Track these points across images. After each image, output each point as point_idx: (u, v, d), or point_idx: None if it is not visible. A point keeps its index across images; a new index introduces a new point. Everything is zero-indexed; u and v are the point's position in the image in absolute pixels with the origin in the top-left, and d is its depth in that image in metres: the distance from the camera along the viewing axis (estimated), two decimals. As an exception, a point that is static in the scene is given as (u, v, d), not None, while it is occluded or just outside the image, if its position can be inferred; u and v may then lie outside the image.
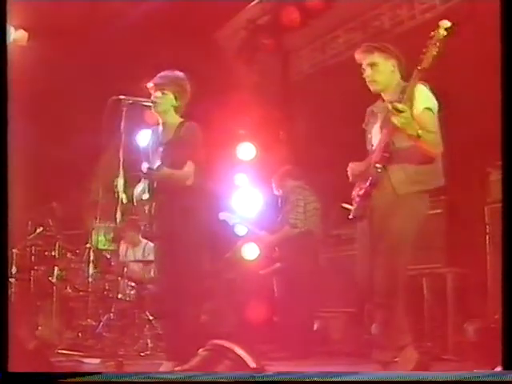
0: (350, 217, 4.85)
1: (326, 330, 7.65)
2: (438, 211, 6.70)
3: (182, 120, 5.54)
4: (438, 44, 4.50)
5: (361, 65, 4.88)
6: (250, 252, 8.76)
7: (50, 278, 7.82)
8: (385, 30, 8.08)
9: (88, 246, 8.24)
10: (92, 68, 9.00)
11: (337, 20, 8.70)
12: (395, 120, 4.42)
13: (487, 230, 6.20)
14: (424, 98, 4.64)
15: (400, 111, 4.39)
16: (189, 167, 5.34)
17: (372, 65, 4.81)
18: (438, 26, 4.54)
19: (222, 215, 8.03)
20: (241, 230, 8.76)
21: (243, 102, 9.18)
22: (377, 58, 4.81)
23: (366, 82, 4.88)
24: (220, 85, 8.97)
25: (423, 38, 4.51)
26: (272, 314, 7.84)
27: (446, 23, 4.54)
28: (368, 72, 4.83)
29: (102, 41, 8.75)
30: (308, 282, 7.26)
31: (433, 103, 4.69)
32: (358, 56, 4.91)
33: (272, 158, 9.13)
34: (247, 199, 9.44)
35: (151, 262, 8.45)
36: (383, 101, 4.87)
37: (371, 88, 4.87)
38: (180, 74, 5.58)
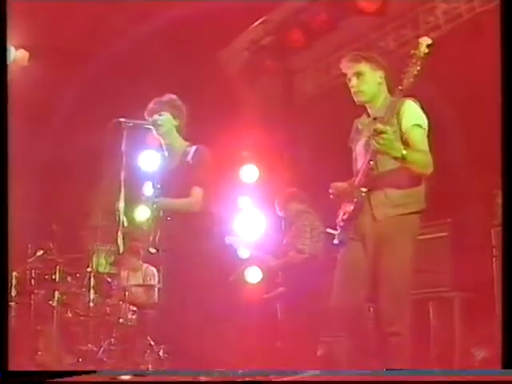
0: (335, 242, 4.75)
1: (330, 355, 7.63)
2: (444, 234, 6.70)
3: (187, 144, 5.56)
4: (419, 62, 4.33)
5: (346, 74, 4.76)
6: (253, 275, 8.76)
7: (50, 302, 7.81)
8: (390, 51, 8.12)
9: (89, 269, 8.23)
10: (93, 88, 9.04)
11: (341, 40, 8.72)
12: (375, 142, 4.26)
13: (494, 253, 6.19)
14: (413, 115, 4.52)
15: (380, 132, 4.21)
16: (197, 194, 5.37)
17: (358, 74, 4.67)
18: (418, 44, 4.39)
19: (228, 239, 8.02)
20: (244, 253, 8.77)
21: (246, 123, 9.20)
22: (363, 67, 4.67)
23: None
24: (223, 106, 9.00)
25: (429, 58, 4.47)
26: (275, 339, 7.82)
27: (427, 40, 4.38)
28: (354, 82, 4.69)
29: (104, 61, 8.80)
30: (312, 307, 7.23)
31: (422, 120, 4.55)
32: (344, 65, 4.78)
33: (275, 180, 9.14)
34: (250, 222, 9.45)
35: (153, 286, 8.47)
36: (368, 115, 4.77)
37: (356, 99, 4.73)
38: (172, 95, 5.65)
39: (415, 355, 4.60)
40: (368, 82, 4.67)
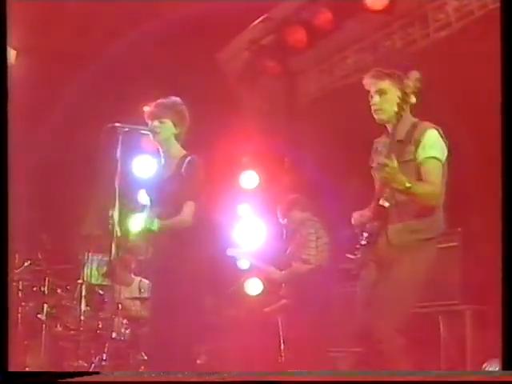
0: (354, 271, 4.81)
1: (334, 369, 7.61)
2: (454, 244, 6.68)
3: (184, 153, 5.51)
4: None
5: (368, 91, 4.79)
6: (254, 287, 8.74)
7: (38, 316, 7.78)
8: (396, 50, 8.10)
9: (80, 281, 8.19)
10: (89, 91, 9.03)
11: (345, 39, 8.71)
12: (377, 174, 4.37)
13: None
14: (431, 146, 4.56)
15: (384, 165, 4.30)
16: (187, 211, 5.31)
17: (380, 92, 4.71)
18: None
19: (230, 251, 8.00)
20: (244, 264, 8.74)
21: (246, 127, 9.20)
22: (386, 85, 4.71)
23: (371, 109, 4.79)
24: (222, 110, 8.99)
25: (437, 58, 4.46)
26: (277, 354, 7.80)
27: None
28: (376, 99, 4.73)
29: (97, 61, 8.79)
30: (316, 320, 7.21)
31: (440, 151, 4.59)
32: (367, 81, 4.81)
33: (276, 186, 9.13)
34: (251, 230, 9.44)
35: (147, 298, 8.44)
36: (388, 135, 4.77)
37: (376, 117, 4.77)
38: (176, 99, 5.55)
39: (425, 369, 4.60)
40: (390, 100, 4.69)
